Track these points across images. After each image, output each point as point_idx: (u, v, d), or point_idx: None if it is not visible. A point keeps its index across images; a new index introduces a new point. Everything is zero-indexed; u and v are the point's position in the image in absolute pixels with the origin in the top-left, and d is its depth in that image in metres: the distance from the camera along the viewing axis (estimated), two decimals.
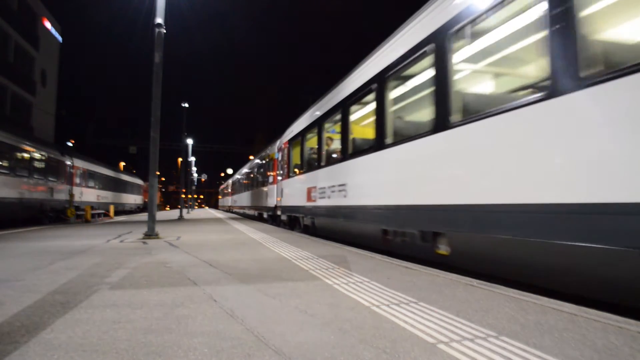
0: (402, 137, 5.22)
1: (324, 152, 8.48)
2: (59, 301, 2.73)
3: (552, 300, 2.70)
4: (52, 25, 30.69)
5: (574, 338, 1.96)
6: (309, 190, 9.09)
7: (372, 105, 6.11)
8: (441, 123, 4.23)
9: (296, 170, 10.95)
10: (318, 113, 8.85)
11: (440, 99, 4.27)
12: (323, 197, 8.08)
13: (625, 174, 2.46)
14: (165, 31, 8.27)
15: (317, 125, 8.80)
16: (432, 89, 4.46)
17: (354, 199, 6.54)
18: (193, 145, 34.57)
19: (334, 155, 8.07)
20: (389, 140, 5.52)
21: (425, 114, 4.71)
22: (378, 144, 5.76)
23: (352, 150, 6.85)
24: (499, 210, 3.39)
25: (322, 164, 8.42)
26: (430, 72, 4.52)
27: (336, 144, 8.19)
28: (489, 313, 2.40)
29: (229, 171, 58.01)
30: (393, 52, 5.39)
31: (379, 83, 5.77)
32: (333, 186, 7.51)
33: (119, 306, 2.59)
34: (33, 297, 2.84)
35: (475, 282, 3.34)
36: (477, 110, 3.79)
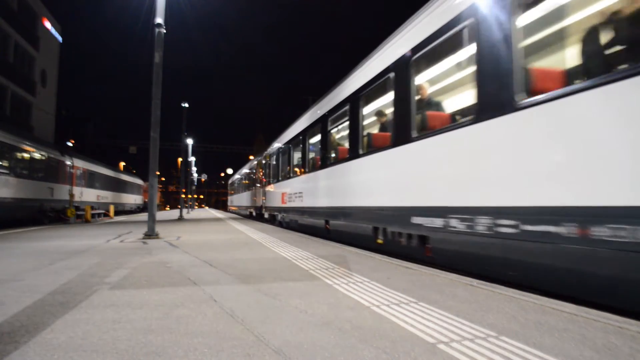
0: None
1: None
2: (59, 301, 2.73)
3: (552, 300, 2.70)
4: (52, 25, 30.67)
5: (574, 338, 1.96)
6: None
7: None
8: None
9: None
10: None
11: None
12: None
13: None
14: (165, 31, 8.27)
15: None
16: None
17: None
18: (193, 145, 34.59)
19: None
20: None
21: None
22: None
23: None
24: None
25: None
26: None
27: None
28: (489, 313, 2.40)
29: (229, 171, 57.91)
30: None
31: None
32: None
33: (119, 306, 2.59)
34: (33, 297, 2.84)
35: (475, 282, 3.34)
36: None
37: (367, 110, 6.81)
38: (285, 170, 12.52)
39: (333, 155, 8.13)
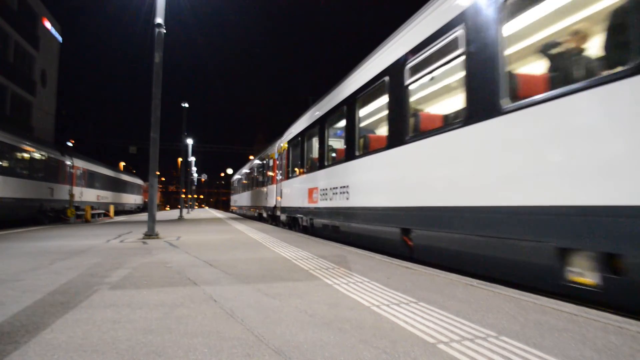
0: None
1: None
2: (59, 301, 2.73)
3: (552, 300, 2.70)
4: (52, 25, 30.67)
5: (574, 338, 1.96)
6: None
7: None
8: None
9: None
10: None
11: None
12: None
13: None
14: (165, 31, 8.27)
15: None
16: None
17: None
18: (193, 145, 34.59)
19: None
20: None
21: None
22: None
23: None
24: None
25: None
26: None
27: None
28: (488, 313, 2.40)
29: (229, 171, 57.94)
30: None
31: None
32: None
33: (119, 306, 2.59)
34: (33, 297, 2.84)
35: (475, 282, 3.34)
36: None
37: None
38: (313, 158, 9.36)
39: (422, 125, 5.11)
